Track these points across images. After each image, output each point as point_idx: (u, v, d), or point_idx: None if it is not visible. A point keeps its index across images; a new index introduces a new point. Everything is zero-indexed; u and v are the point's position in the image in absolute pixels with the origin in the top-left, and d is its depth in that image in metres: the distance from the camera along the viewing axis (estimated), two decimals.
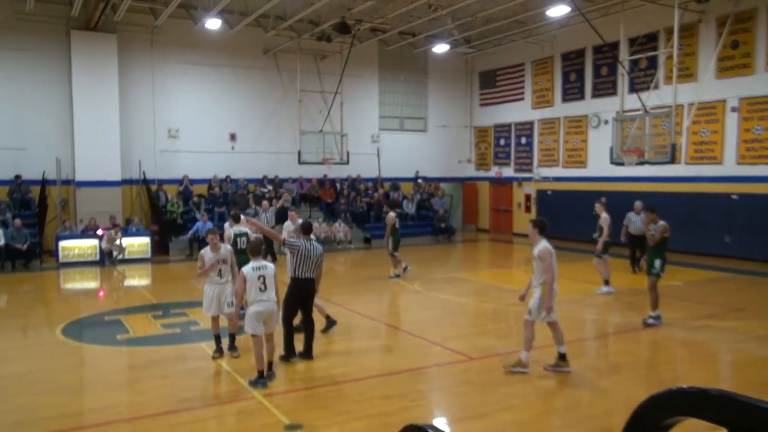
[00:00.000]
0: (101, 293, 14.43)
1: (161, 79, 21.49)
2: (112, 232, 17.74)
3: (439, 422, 6.34)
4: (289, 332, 8.19)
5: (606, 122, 20.80)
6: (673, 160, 16.23)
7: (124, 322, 10.55)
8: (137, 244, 18.46)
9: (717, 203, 17.97)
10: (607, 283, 12.80)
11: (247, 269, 7.24)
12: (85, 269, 17.04)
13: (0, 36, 19.03)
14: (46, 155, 19.67)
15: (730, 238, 17.77)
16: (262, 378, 7.21)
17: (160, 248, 19.28)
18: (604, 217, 12.70)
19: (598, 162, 21.18)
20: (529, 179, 24.84)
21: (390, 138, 26.10)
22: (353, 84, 24.13)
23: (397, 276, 14.76)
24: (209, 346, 8.65)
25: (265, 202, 16.98)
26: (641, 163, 17.44)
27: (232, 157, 22.77)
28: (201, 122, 22.12)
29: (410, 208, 24.27)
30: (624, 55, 18.69)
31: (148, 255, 18.46)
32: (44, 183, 19.68)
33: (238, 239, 10.14)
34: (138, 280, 16.30)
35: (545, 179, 24.02)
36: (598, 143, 21.34)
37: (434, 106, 27.16)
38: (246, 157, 22.89)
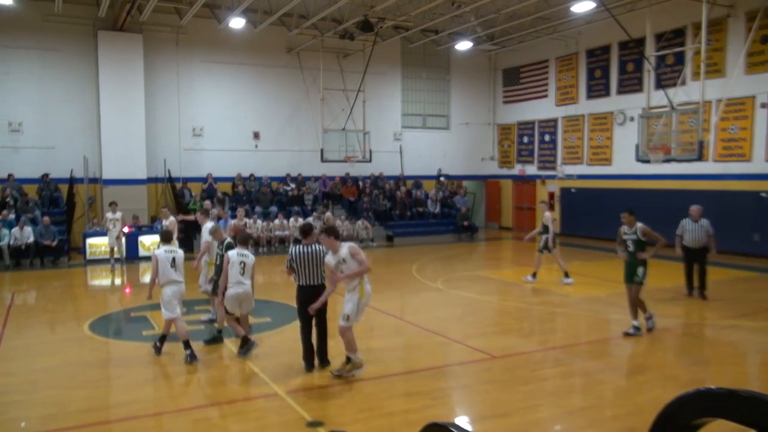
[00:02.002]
0: (127, 290, 14.62)
1: (186, 78, 21.73)
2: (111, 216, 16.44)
3: (462, 421, 6.32)
4: (307, 345, 7.63)
5: (632, 119, 20.54)
6: (700, 157, 15.95)
7: (150, 318, 10.68)
8: None
9: (746, 201, 17.63)
10: (534, 275, 13.86)
11: (232, 254, 8.12)
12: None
13: (29, 37, 19.42)
14: (74, 154, 20.04)
15: (760, 237, 17.43)
16: (247, 344, 8.16)
17: (184, 246, 19.46)
18: (547, 216, 13.87)
19: (624, 159, 20.93)
20: (552, 177, 24.63)
21: (412, 136, 26.07)
22: (376, 82, 24.15)
23: None
24: (233, 343, 8.73)
25: (207, 202, 16.56)
26: (668, 161, 17.17)
27: (255, 155, 22.94)
28: (225, 121, 22.33)
29: (435, 208, 24.24)
30: (650, 51, 18.42)
31: None
32: (72, 181, 20.05)
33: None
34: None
35: (569, 177, 23.79)
36: (623, 140, 21.08)
37: (457, 103, 27.05)
38: (269, 156, 23.04)
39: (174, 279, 8.26)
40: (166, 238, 8.77)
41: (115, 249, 16.47)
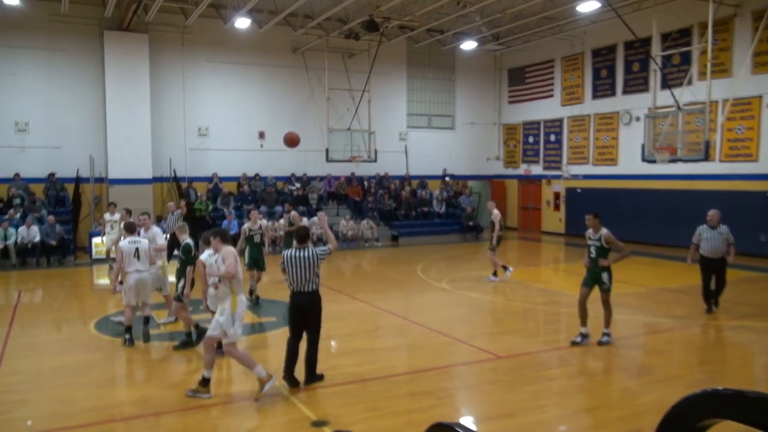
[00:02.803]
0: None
1: (191, 78, 21.77)
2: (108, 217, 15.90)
3: (467, 421, 6.31)
4: (292, 356, 7.03)
5: (638, 119, 20.47)
6: (706, 157, 15.87)
7: (155, 317, 10.69)
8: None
9: (752, 201, 17.56)
10: (505, 268, 14.32)
11: (204, 257, 8.10)
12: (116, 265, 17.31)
13: (36, 37, 19.49)
14: (80, 153, 20.11)
15: (766, 237, 17.36)
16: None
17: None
18: (495, 214, 14.12)
19: (629, 159, 20.87)
20: (558, 177, 24.58)
21: (418, 136, 26.06)
22: (381, 82, 24.14)
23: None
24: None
25: (170, 204, 16.31)
26: (674, 161, 17.09)
27: (260, 155, 22.97)
28: (230, 120, 22.36)
29: (440, 208, 24.25)
30: (656, 50, 18.33)
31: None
32: (78, 181, 20.11)
33: (254, 236, 11.70)
34: (169, 276, 16.51)
35: (575, 177, 23.74)
36: (629, 140, 21.03)
37: (462, 103, 27.03)
38: (274, 155, 23.05)
39: (137, 268, 8.93)
40: (130, 230, 9.31)
41: (112, 250, 16.37)
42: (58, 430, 6.01)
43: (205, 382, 6.76)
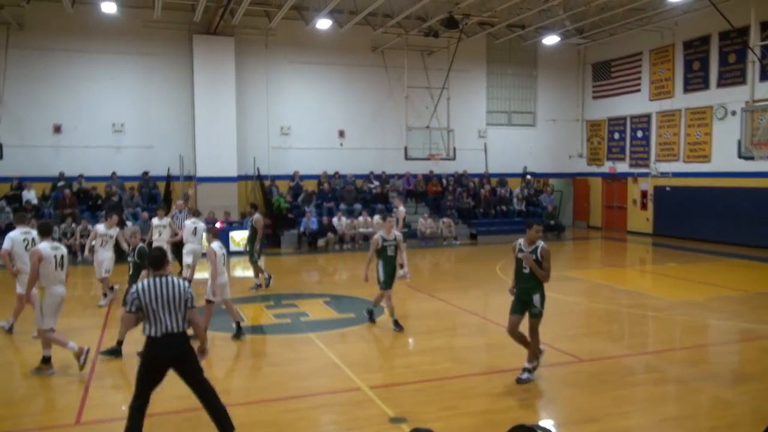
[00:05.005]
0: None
1: (275, 79, 22.37)
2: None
3: (547, 424, 6.16)
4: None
5: (733, 113, 19.37)
6: None
7: (239, 311, 11.04)
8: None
9: None
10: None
11: (215, 247, 9.01)
12: (204, 260, 17.99)
13: (130, 42, 20.59)
14: (171, 153, 21.10)
15: None
16: (240, 330, 9.22)
17: (272, 241, 20.06)
18: (401, 211, 14.32)
19: (724, 156, 19.78)
20: (645, 175, 23.60)
21: (497, 133, 25.69)
22: (460, 79, 23.97)
23: (258, 286, 13.39)
24: (317, 337, 8.89)
25: (180, 202, 15.90)
26: None
27: (340, 153, 23.31)
28: (311, 120, 22.83)
29: (520, 206, 23.85)
30: (755, 40, 17.28)
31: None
32: (169, 179, 21.10)
33: (387, 247, 9.73)
34: (251, 271, 17.01)
35: (664, 175, 22.72)
36: (723, 136, 19.93)
37: (543, 99, 26.43)
38: (354, 154, 23.35)
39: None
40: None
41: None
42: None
43: (45, 360, 7.51)
